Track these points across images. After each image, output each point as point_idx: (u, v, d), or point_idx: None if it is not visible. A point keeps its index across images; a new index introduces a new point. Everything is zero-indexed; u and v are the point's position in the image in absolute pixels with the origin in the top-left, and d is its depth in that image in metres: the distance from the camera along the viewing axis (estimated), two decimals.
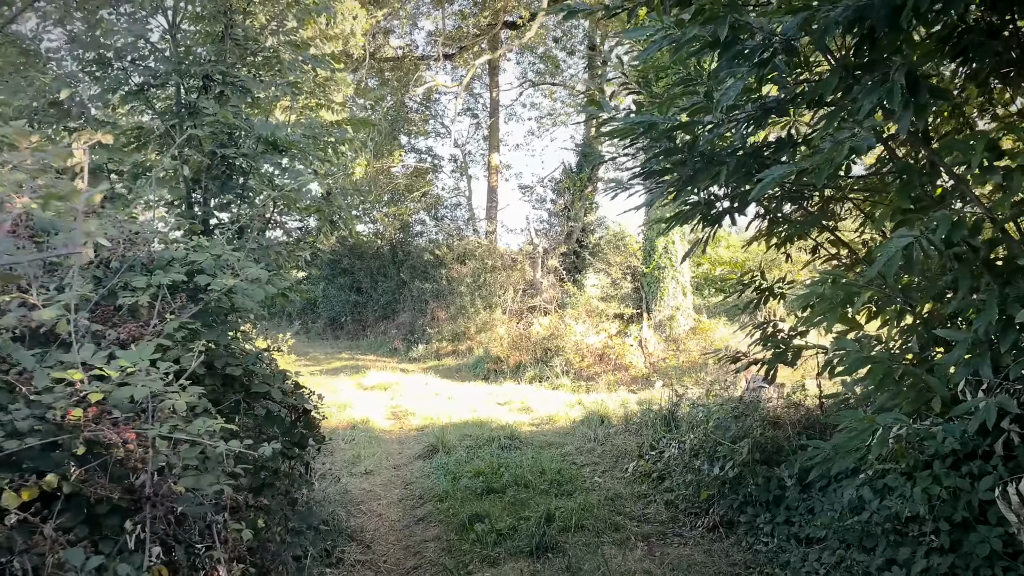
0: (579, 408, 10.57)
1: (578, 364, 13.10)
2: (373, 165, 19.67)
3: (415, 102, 21.31)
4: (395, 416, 10.88)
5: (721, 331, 12.91)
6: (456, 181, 21.87)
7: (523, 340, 14.52)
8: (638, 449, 7.08)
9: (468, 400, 11.87)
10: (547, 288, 18.39)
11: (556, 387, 12.85)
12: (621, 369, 12.84)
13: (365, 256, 22.64)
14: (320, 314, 24.03)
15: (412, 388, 13.15)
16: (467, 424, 9.35)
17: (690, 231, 14.87)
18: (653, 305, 13.77)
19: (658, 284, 13.74)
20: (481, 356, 15.88)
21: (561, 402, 11.45)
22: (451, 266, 19.21)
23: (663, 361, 12.79)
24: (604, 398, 11.52)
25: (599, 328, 13.57)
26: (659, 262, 13.69)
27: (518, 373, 13.97)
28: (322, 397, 5.52)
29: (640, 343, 13.22)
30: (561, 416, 9.66)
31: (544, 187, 20.74)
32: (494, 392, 12.79)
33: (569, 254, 19.33)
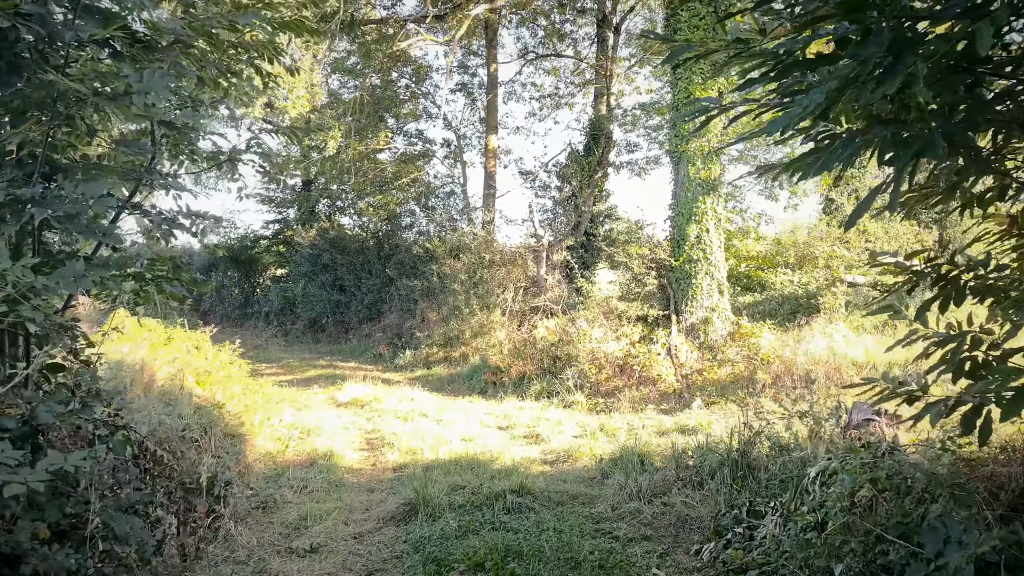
0: (603, 437, 8.31)
1: (594, 376, 10.87)
2: (356, 148, 17.40)
3: (405, 78, 19.04)
4: (369, 446, 8.61)
5: (767, 337, 10.72)
6: (449, 167, 19.66)
7: (527, 347, 12.28)
8: (712, 519, 4.83)
9: (462, 423, 9.62)
10: (552, 286, 16.16)
11: (568, 405, 10.61)
12: (647, 383, 10.62)
13: (348, 250, 20.36)
14: (299, 315, 21.72)
15: (395, 405, 10.89)
16: (460, 463, 7.09)
17: (728, 215, 12.62)
18: (683, 305, 11.54)
19: (689, 280, 11.51)
20: (477, 365, 13.63)
21: (577, 427, 9.20)
22: (443, 261, 16.94)
23: (698, 374, 10.58)
24: (631, 421, 9.28)
25: (619, 333, 11.34)
26: (690, 254, 11.46)
27: (521, 386, 11.72)
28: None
29: (669, 351, 11.00)
30: (583, 451, 7.41)
31: (548, 173, 18.52)
32: (493, 411, 10.53)
33: (577, 248, 17.11)
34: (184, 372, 9.15)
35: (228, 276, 24.94)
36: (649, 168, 19.54)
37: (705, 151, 11.60)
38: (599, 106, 18.28)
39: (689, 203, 11.62)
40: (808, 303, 14.58)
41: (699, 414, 9.31)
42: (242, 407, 9.45)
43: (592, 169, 17.56)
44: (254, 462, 7.54)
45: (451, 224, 18.53)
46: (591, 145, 17.93)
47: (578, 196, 17.11)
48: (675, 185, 12.01)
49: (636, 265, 11.76)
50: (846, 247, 16.78)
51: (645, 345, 11.01)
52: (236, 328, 24.67)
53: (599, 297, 12.37)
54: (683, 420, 8.89)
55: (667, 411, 9.86)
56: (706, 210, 11.54)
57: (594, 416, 10.05)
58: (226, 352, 12.96)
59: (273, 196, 23.80)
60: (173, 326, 13.58)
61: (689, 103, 11.67)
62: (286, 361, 17.47)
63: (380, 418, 10.16)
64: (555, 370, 11.62)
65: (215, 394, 9.23)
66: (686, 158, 11.68)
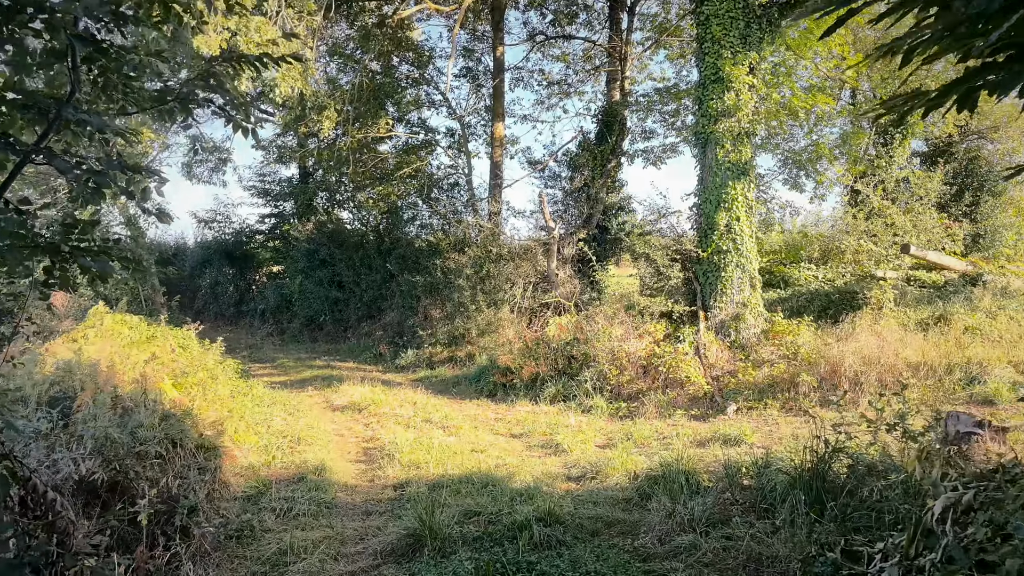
0: (632, 448, 7.32)
1: (615, 378, 9.87)
2: (354, 136, 16.40)
3: (407, 63, 18.02)
4: (366, 457, 7.62)
5: (805, 335, 9.71)
6: (453, 157, 18.62)
7: (540, 346, 11.28)
8: (799, 562, 3.81)
9: (470, 430, 8.62)
10: (564, 281, 15.17)
11: (587, 410, 9.61)
12: (673, 386, 9.61)
13: (347, 245, 19.36)
14: (296, 313, 20.74)
15: (396, 410, 9.91)
16: (471, 479, 6.09)
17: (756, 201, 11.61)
18: (712, 301, 10.54)
19: (718, 273, 10.50)
20: (485, 365, 12.64)
21: (601, 435, 8.20)
22: (447, 255, 15.96)
23: (731, 376, 9.57)
24: (660, 428, 8.28)
25: (640, 331, 10.34)
26: (719, 244, 10.46)
27: (534, 389, 10.73)
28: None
29: (697, 351, 9.99)
30: (613, 466, 6.40)
31: (558, 163, 17.50)
32: (505, 417, 9.54)
33: (589, 240, 16.10)
34: (160, 374, 8.17)
35: (222, 272, 23.96)
36: (666, 157, 18.55)
37: (736, 132, 10.60)
38: (612, 92, 17.27)
39: (717, 189, 10.62)
40: (840, 299, 13.58)
41: (736, 421, 8.30)
42: (225, 412, 8.48)
43: (605, 158, 16.56)
44: (233, 478, 6.55)
45: (455, 217, 17.53)
46: (604, 133, 16.93)
47: (591, 186, 16.12)
48: (701, 170, 11.00)
49: (659, 257, 10.75)
50: (873, 241, 15.78)
51: (670, 344, 10.01)
52: (231, 327, 23.69)
53: (618, 292, 11.34)
54: (720, 428, 7.88)
55: (698, 417, 8.86)
56: (736, 196, 10.54)
57: (616, 422, 9.06)
58: (214, 352, 12.02)
59: (269, 189, 22.81)
60: (157, 323, 12.64)
61: (717, 80, 10.68)
62: (281, 361, 16.49)
63: (379, 424, 9.18)
64: (571, 371, 10.63)
65: (194, 399, 8.25)
66: (714, 140, 10.68)
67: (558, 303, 14.74)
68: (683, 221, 11.20)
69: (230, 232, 24.12)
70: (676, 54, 16.77)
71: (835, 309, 12.88)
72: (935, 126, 19.33)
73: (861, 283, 14.39)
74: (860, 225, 16.09)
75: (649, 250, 10.99)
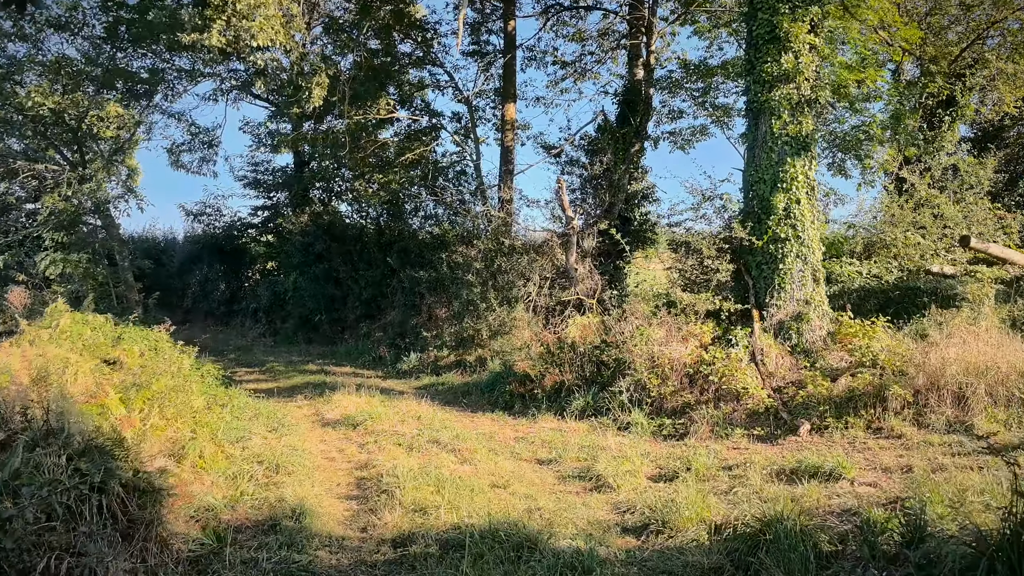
0: (695, 481, 5.76)
1: (656, 389, 8.31)
2: (352, 117, 14.86)
3: (410, 39, 16.45)
4: (359, 493, 6.08)
5: (882, 339, 8.16)
6: (460, 143, 17.07)
7: (563, 350, 9.73)
8: None
9: (487, 454, 7.07)
10: (584, 276, 13.61)
11: (625, 427, 8.06)
12: (727, 398, 8.05)
13: (344, 238, 17.83)
14: (290, 312, 19.19)
15: (396, 426, 8.38)
16: (497, 534, 4.54)
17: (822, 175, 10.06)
18: (767, 297, 8.98)
19: (775, 265, 8.94)
20: (498, 372, 11.10)
21: (650, 462, 6.65)
22: (454, 248, 14.43)
23: (795, 387, 8.01)
24: (722, 453, 6.73)
25: (683, 333, 8.79)
26: (776, 231, 8.90)
27: (558, 401, 9.18)
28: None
29: (753, 357, 8.44)
30: (682, 511, 4.85)
31: (576, 148, 15.94)
32: (528, 436, 7.99)
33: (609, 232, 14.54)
34: (105, 387, 6.64)
35: (213, 269, 22.43)
36: (695, 140, 16.96)
37: (794, 100, 9.04)
38: (634, 69, 15.70)
39: (773, 167, 9.07)
40: (901, 296, 12.04)
41: (815, 445, 6.75)
42: (188, 433, 6.96)
43: (628, 141, 15.00)
44: (183, 526, 5.01)
45: (462, 207, 15.99)
46: (626, 114, 15.37)
47: (613, 172, 14.56)
48: (753, 146, 9.45)
49: (705, 247, 9.18)
50: (921, 233, 14.22)
51: (720, 349, 8.45)
52: (221, 327, 22.16)
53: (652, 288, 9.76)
54: (800, 455, 6.33)
55: (764, 438, 7.30)
56: (796, 175, 8.99)
57: (663, 444, 7.51)
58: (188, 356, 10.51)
59: (262, 179, 21.29)
60: (125, 323, 11.13)
61: (772, 40, 9.13)
62: (270, 365, 14.96)
63: (377, 445, 7.64)
64: (602, 380, 9.08)
65: (148, 417, 6.73)
66: (768, 109, 9.13)
67: (578, 301, 13.19)
68: (731, 204, 9.61)
69: (221, 226, 22.60)
70: (706, 27, 15.18)
71: (894, 308, 11.34)
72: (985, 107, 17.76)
73: (920, 279, 12.87)
74: (907, 216, 14.53)
75: (692, 239, 9.42)
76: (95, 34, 12.48)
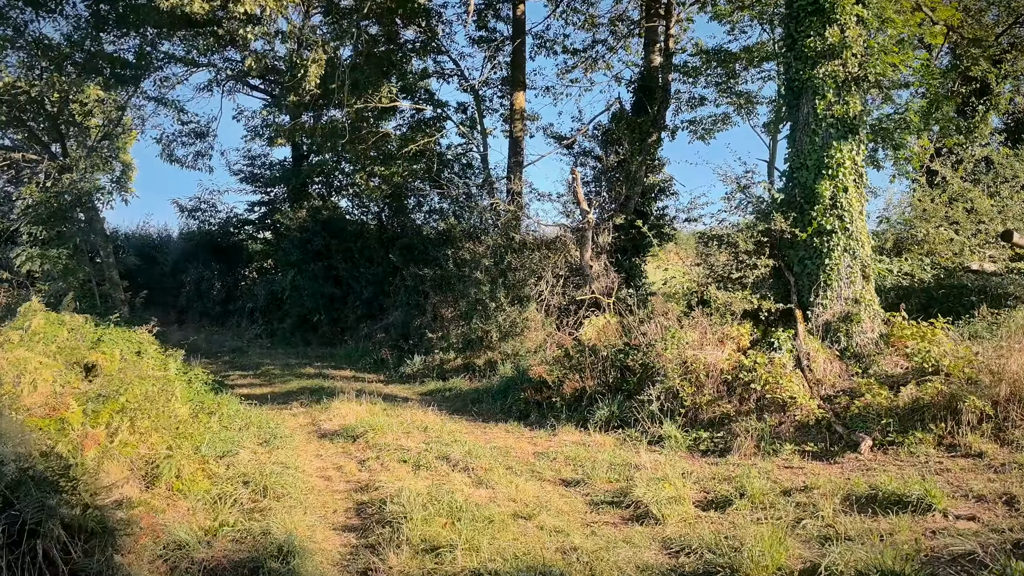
0: (750, 509, 4.89)
1: (690, 398, 7.44)
2: (351, 105, 13.99)
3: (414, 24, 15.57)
4: (360, 523, 5.21)
5: (944, 341, 7.29)
6: (466, 134, 16.19)
7: (582, 354, 8.87)
8: None
9: (505, 474, 6.20)
10: (600, 274, 12.75)
11: (656, 441, 7.20)
12: (772, 409, 7.18)
13: (344, 234, 16.97)
14: (288, 312, 18.32)
15: (401, 439, 7.52)
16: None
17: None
18: (812, 296, 8.11)
19: (820, 260, 8.06)
20: (510, 377, 10.23)
21: (694, 485, 5.77)
22: (461, 244, 13.56)
23: (847, 396, 7.14)
24: (774, 474, 5.87)
25: (719, 335, 7.92)
26: (822, 223, 8.02)
27: (579, 410, 8.31)
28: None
29: (798, 362, 7.56)
30: (752, 555, 3.97)
31: (589, 138, 15.07)
32: (547, 451, 7.11)
33: (627, 228, 13.69)
34: (65, 399, 5.79)
35: (208, 268, 21.55)
36: (716, 129, 16.07)
37: (841, 78, 8.17)
38: (651, 55, 14.83)
39: (818, 151, 8.19)
40: (946, 295, 11.18)
41: (882, 464, 5.89)
42: (163, 451, 6.12)
43: (645, 131, 14.12)
44: (148, 570, 4.16)
45: (468, 201, 15.13)
46: (642, 102, 14.50)
47: (629, 163, 13.68)
48: (794, 129, 8.58)
49: (741, 240, 8.30)
50: (954, 229, 13.36)
51: (762, 353, 7.58)
52: (216, 327, 21.30)
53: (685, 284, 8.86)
54: (870, 477, 5.46)
55: (819, 456, 6.43)
56: (843, 160, 8.11)
57: (702, 461, 6.65)
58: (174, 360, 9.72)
59: (259, 173, 20.43)
60: (106, 324, 10.28)
61: (816, 11, 8.25)
62: (266, 368, 14.11)
63: (379, 462, 6.78)
64: (627, 387, 8.20)
65: (116, 432, 5.89)
66: (811, 88, 8.25)
67: (594, 300, 12.33)
68: (771, 193, 8.71)
69: (216, 222, 21.74)
70: (727, 11, 14.29)
71: (938, 308, 10.48)
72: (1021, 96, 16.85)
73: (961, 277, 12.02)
74: (939, 211, 13.66)
75: (728, 231, 8.53)
76: (78, 12, 11.72)
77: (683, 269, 8.85)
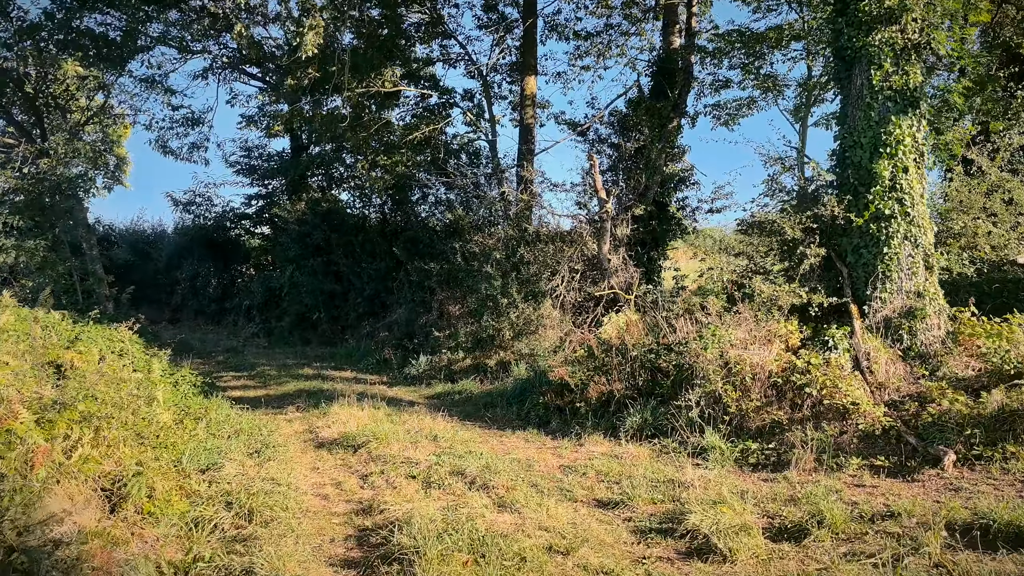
0: (831, 540, 4.03)
1: (735, 404, 6.57)
2: (352, 89, 13.13)
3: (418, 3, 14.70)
4: (362, 558, 4.34)
5: (1020, 339, 6.44)
6: (473, 122, 15.32)
7: (608, 354, 8.00)
8: None
9: (529, 492, 5.34)
10: (618, 268, 11.89)
11: (698, 452, 6.33)
12: (830, 416, 6.31)
13: (345, 227, 16.11)
14: (286, 309, 17.46)
15: (407, 450, 6.67)
16: None
17: None
18: (868, 289, 7.23)
19: (879, 249, 7.19)
20: (526, 379, 9.37)
21: (752, 504, 4.90)
22: (469, 236, 12.69)
23: (915, 401, 6.27)
24: (846, 494, 5.00)
25: (764, 333, 7.05)
26: (880, 207, 7.15)
27: (606, 417, 7.45)
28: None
29: (857, 363, 6.69)
30: None
31: (606, 124, 14.19)
32: (575, 464, 6.24)
33: (644, 219, 12.83)
34: (15, 406, 4.94)
35: (203, 264, 20.70)
36: (741, 114, 15.18)
37: (899, 46, 7.29)
38: (670, 37, 13.96)
39: (873, 127, 7.32)
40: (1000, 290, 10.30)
41: (979, 485, 5.02)
42: (133, 466, 5.29)
43: (665, 117, 13.25)
44: None
45: (476, 191, 14.27)
46: (661, 86, 13.61)
47: (649, 150, 12.81)
48: (846, 103, 7.70)
49: (788, 227, 7.42)
50: (992, 221, 12.50)
51: (815, 353, 6.70)
52: (212, 325, 20.45)
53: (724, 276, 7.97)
54: (962, 499, 4.60)
55: (893, 472, 5.56)
56: (902, 137, 7.25)
57: (753, 475, 5.79)
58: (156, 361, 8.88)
59: (256, 165, 19.57)
60: (84, 322, 9.45)
61: None
62: (262, 368, 13.25)
63: (384, 477, 5.92)
64: (660, 391, 7.33)
65: (77, 444, 5.04)
66: (866, 57, 7.38)
67: (613, 296, 11.47)
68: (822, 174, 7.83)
69: (212, 216, 20.88)
70: None
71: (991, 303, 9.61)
72: None
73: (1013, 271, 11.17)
74: (978, 202, 12.78)
75: (774, 217, 7.64)
76: None
77: (720, 260, 7.96)
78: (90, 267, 13.15)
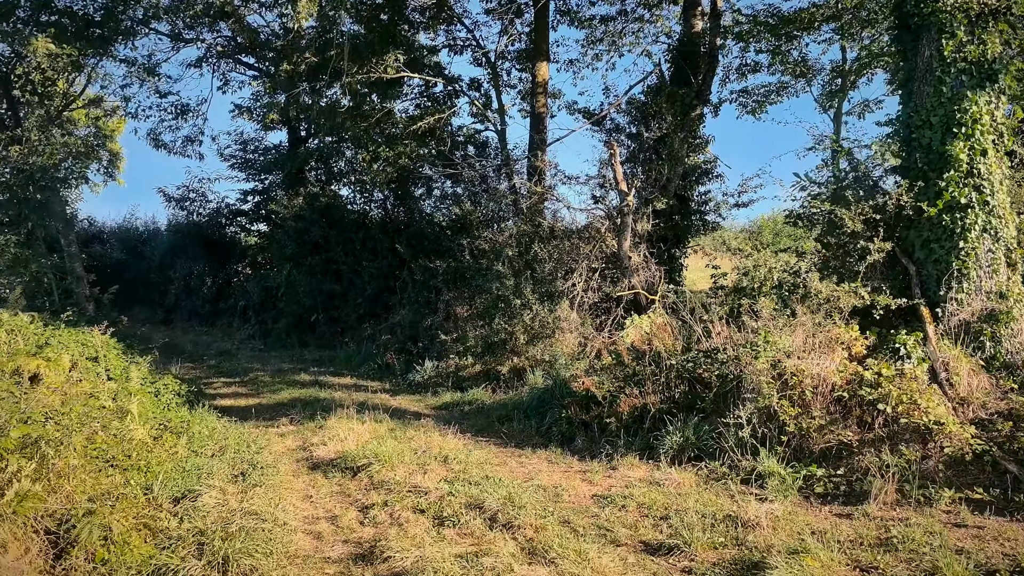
0: None
1: (793, 421, 5.67)
2: (353, 76, 12.24)
3: None
4: None
5: None
6: (480, 112, 14.43)
7: (640, 362, 7.09)
8: None
9: (561, 532, 4.44)
10: (639, 266, 10.99)
11: (753, 479, 5.42)
12: (908, 438, 5.40)
13: (345, 224, 15.23)
14: (283, 310, 16.59)
15: (414, 475, 5.78)
16: None
17: None
18: (941, 289, 6.34)
19: (953, 243, 6.31)
20: (543, 388, 8.47)
21: (839, 552, 4.00)
22: (478, 232, 11.80)
23: (1008, 421, 5.37)
24: (952, 539, 4.10)
25: (823, 339, 6.16)
26: (954, 195, 6.25)
27: (640, 434, 6.55)
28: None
29: (934, 374, 5.79)
30: None
31: (625, 115, 13.28)
32: (612, 494, 5.33)
33: (665, 214, 11.92)
34: None
35: (197, 263, 19.82)
36: (769, 101, 14.24)
37: (974, 12, 6.38)
38: (692, 20, 13.06)
39: (945, 105, 6.42)
40: None
41: None
42: (84, 503, 4.43)
43: (687, 104, 12.33)
44: None
45: (484, 184, 13.37)
46: (682, 72, 12.71)
47: (671, 140, 11.89)
48: (910, 79, 6.81)
49: (848, 218, 6.51)
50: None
51: (885, 362, 5.79)
52: (206, 327, 19.57)
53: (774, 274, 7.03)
54: None
55: (996, 508, 4.65)
56: (979, 115, 6.36)
57: (823, 508, 4.89)
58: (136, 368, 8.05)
59: (252, 159, 18.68)
60: (56, 325, 8.56)
61: None
62: (255, 374, 12.36)
63: (388, 510, 5.02)
64: (702, 405, 6.43)
65: (16, 477, 4.17)
66: (936, 25, 6.48)
67: (634, 296, 10.58)
68: (887, 157, 6.92)
69: (206, 213, 20.00)
70: None
71: None
72: None
73: None
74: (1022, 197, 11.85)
75: (829, 206, 6.73)
76: None
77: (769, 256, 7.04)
78: (68, 265, 12.26)
